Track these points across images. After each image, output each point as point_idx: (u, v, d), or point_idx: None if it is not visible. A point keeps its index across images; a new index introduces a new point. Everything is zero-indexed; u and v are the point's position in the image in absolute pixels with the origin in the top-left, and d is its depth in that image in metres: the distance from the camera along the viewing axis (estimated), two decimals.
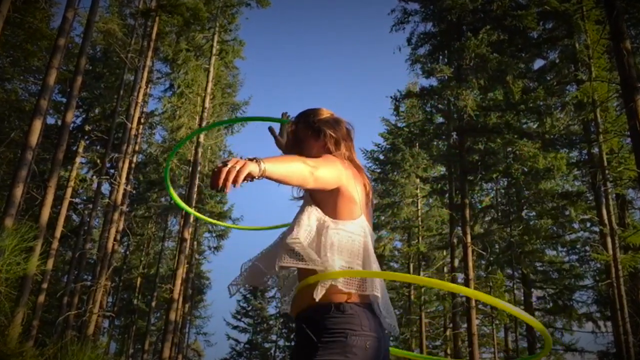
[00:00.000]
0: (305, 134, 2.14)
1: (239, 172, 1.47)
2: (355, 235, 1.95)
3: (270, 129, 2.53)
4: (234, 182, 1.45)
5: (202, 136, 18.38)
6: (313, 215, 1.94)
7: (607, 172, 15.25)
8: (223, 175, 1.45)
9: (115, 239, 17.99)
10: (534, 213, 18.97)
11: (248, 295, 37.40)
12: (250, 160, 1.53)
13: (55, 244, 17.32)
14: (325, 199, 1.95)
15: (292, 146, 2.20)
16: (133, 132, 18.68)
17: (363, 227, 1.98)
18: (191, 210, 3.21)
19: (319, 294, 1.82)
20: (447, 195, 18.37)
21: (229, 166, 1.47)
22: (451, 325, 18.51)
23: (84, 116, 22.82)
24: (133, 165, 19.99)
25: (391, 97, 18.26)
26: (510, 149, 17.28)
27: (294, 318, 1.98)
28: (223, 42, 20.66)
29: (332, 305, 1.82)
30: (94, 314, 16.47)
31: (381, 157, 25.43)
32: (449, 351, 22.61)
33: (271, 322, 36.74)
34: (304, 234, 1.88)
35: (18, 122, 20.05)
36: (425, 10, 18.21)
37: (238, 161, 1.49)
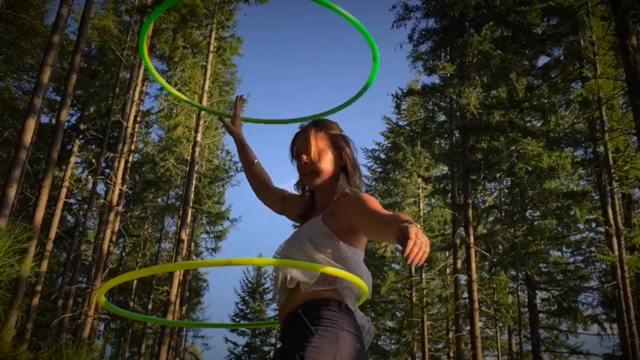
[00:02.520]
0: (324, 145, 2.12)
1: (425, 252, 1.49)
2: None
3: (221, 119, 2.50)
4: (420, 260, 1.48)
5: (199, 135, 18.19)
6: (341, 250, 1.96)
7: (612, 171, 15.14)
8: (416, 251, 1.47)
9: (110, 240, 17.97)
10: (538, 213, 18.84)
11: (247, 298, 37.16)
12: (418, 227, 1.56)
13: (49, 246, 17.22)
14: (354, 232, 1.98)
15: (313, 154, 2.11)
16: (129, 131, 18.61)
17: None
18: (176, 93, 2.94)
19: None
20: (449, 195, 18.16)
21: (421, 242, 1.48)
22: (454, 327, 18.29)
23: (78, 115, 22.61)
24: (129, 164, 19.92)
25: (392, 95, 18.19)
26: (513, 147, 17.11)
27: (286, 316, 1.94)
28: (221, 39, 20.43)
29: (331, 300, 1.85)
30: (89, 316, 16.40)
31: (382, 156, 25.20)
32: (451, 354, 22.46)
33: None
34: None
35: (11, 121, 19.95)
36: (427, 6, 17.98)
37: (423, 236, 1.50)
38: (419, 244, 1.46)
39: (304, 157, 2.09)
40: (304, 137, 2.13)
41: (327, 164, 2.08)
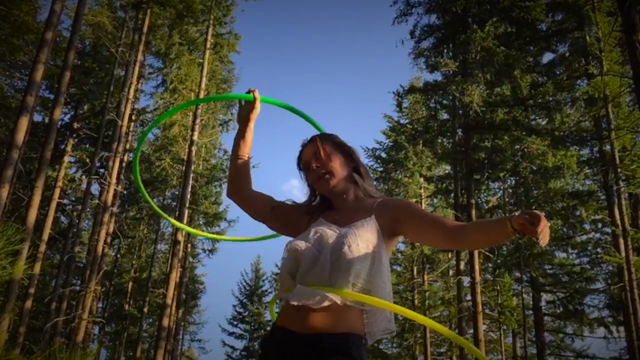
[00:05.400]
0: (332, 150, 2.14)
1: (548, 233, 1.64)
2: None
3: (249, 92, 2.27)
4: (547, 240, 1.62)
5: (196, 134, 18.02)
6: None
7: (619, 170, 15.05)
8: (547, 231, 1.64)
9: (105, 242, 18.04)
10: (543, 213, 18.57)
11: (244, 300, 36.95)
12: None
13: (42, 247, 17.21)
14: (393, 238, 2.04)
15: (322, 160, 2.11)
16: (124, 129, 18.60)
17: None
18: (172, 220, 2.98)
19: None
20: (452, 195, 17.95)
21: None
22: (457, 330, 18.08)
23: (72, 113, 22.68)
24: (124, 164, 19.95)
25: (393, 93, 18.03)
26: (518, 146, 16.91)
27: (308, 334, 1.89)
28: (218, 36, 20.37)
29: (363, 339, 1.87)
30: (84, 320, 16.39)
31: (383, 155, 24.96)
32: (454, 358, 22.29)
33: (269, 328, 36.37)
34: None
35: (3, 120, 20.18)
36: (429, 1, 17.79)
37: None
38: (547, 224, 1.61)
39: (315, 162, 2.10)
40: (310, 147, 2.15)
41: (338, 165, 2.10)
